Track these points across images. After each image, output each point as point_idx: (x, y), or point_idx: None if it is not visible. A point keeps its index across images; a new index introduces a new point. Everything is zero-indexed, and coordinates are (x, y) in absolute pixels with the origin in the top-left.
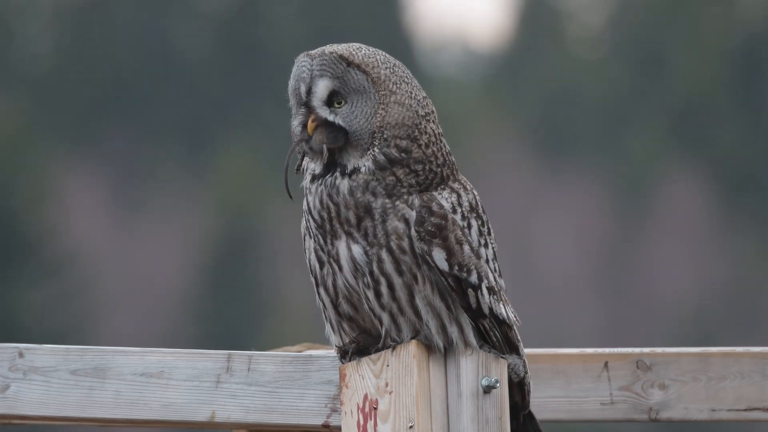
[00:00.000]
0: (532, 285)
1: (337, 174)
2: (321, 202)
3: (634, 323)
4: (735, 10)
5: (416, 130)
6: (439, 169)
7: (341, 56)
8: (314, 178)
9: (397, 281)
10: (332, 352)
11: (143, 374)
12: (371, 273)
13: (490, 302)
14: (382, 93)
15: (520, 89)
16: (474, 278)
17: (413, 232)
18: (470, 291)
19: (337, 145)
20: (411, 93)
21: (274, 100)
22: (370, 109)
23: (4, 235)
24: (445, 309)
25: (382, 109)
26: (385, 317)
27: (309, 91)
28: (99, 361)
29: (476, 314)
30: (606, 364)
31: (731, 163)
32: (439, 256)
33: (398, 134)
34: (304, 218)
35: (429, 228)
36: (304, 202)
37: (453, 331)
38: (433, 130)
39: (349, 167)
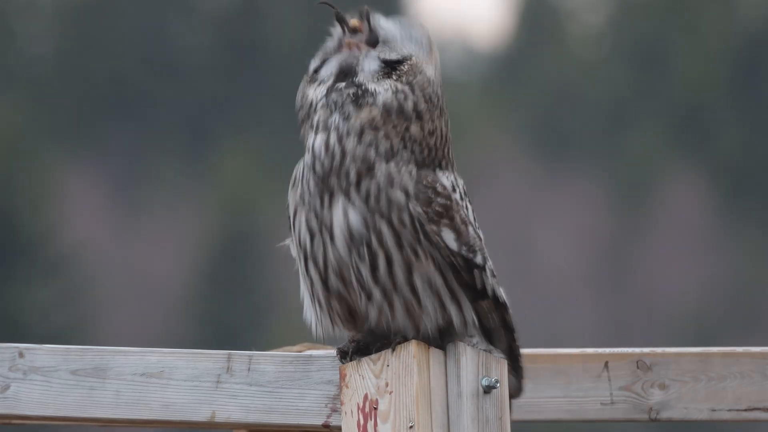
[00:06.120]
0: (532, 284)
1: (351, 102)
2: (326, 146)
3: (634, 323)
4: (735, 11)
5: (434, 106)
6: (438, 152)
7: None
8: (327, 91)
9: (397, 256)
10: (332, 352)
11: (143, 374)
12: (368, 245)
13: (493, 284)
14: (431, 54)
15: (520, 89)
16: (479, 259)
17: (416, 209)
18: (476, 271)
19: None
20: (440, 81)
21: (275, 101)
22: (414, 54)
23: (4, 235)
24: (445, 287)
25: (425, 64)
26: (377, 293)
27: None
28: (99, 361)
29: (479, 295)
30: (606, 364)
31: (731, 163)
32: (449, 237)
33: (424, 87)
34: (300, 185)
35: (437, 208)
36: (304, 159)
37: (452, 309)
38: (445, 124)
39: (370, 87)
